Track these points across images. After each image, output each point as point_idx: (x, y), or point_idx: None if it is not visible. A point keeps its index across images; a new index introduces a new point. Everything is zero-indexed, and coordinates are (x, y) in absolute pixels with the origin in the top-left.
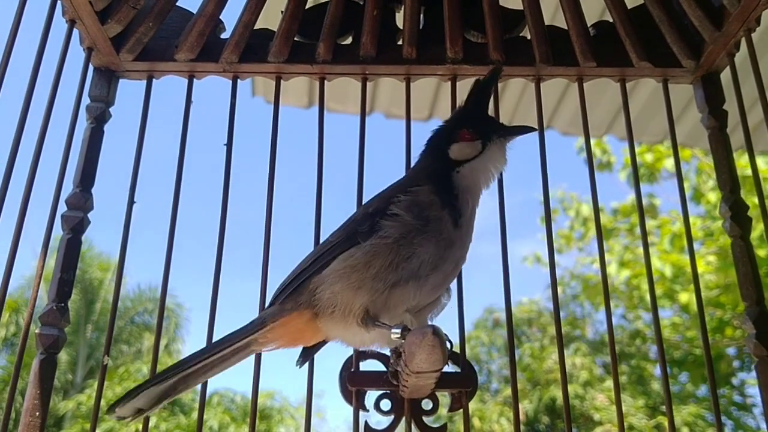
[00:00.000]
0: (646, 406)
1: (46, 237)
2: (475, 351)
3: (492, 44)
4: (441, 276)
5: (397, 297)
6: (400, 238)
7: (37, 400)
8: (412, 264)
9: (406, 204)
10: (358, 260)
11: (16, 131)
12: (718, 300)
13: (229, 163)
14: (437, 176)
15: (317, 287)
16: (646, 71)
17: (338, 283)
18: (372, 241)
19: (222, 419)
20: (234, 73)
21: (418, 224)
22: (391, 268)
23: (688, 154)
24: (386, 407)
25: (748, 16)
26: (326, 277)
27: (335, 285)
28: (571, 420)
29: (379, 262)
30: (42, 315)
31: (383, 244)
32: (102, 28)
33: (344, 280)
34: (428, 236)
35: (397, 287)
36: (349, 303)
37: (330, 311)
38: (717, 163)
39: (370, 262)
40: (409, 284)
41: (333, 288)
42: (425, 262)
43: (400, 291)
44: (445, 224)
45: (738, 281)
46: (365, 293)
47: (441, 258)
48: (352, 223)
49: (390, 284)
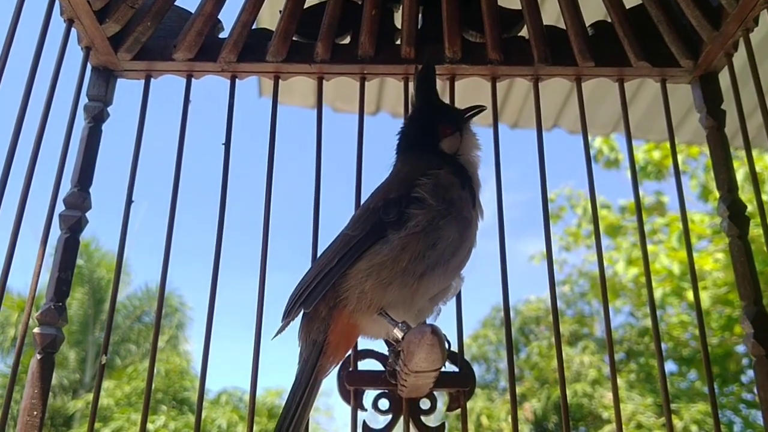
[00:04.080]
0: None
1: (44, 236)
2: (483, 349)
3: (490, 44)
4: (459, 259)
5: (424, 287)
6: (428, 226)
7: (35, 400)
8: (437, 250)
9: (431, 187)
10: (386, 257)
11: (14, 131)
12: (726, 297)
13: (227, 163)
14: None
15: (345, 286)
16: (645, 71)
17: (368, 281)
18: (401, 234)
19: (230, 418)
20: (232, 73)
21: (443, 207)
22: (419, 259)
23: (696, 151)
24: (384, 407)
25: (746, 15)
26: (354, 275)
27: (365, 283)
28: (569, 420)
29: (408, 256)
30: (40, 314)
31: (412, 234)
32: (100, 28)
33: (373, 278)
34: (450, 218)
35: (424, 277)
36: (378, 299)
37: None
38: (715, 163)
39: (399, 256)
40: (435, 271)
41: (363, 286)
42: (449, 246)
43: (428, 280)
44: (465, 204)
45: (736, 281)
46: (395, 288)
47: (462, 239)
48: (372, 213)
49: (419, 275)
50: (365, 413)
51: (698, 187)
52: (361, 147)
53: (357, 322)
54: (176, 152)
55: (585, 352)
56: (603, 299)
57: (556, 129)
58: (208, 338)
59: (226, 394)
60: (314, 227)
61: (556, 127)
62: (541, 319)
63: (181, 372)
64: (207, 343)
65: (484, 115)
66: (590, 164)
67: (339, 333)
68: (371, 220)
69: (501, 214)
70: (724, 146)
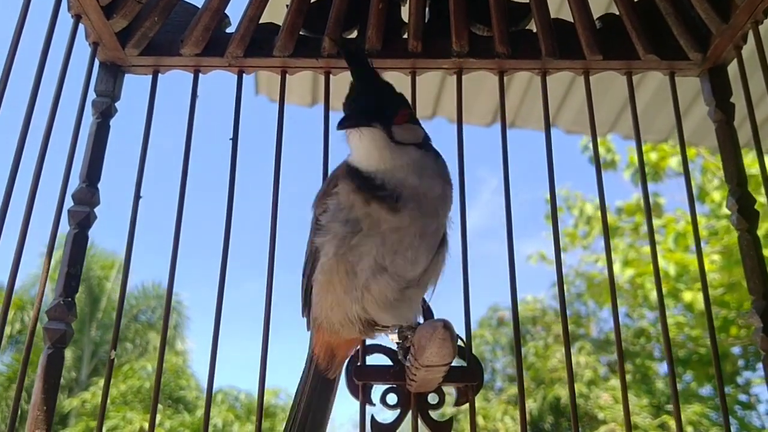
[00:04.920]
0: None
1: (53, 232)
2: (480, 349)
3: (498, 37)
4: (411, 252)
5: (378, 291)
6: (338, 251)
7: (44, 394)
8: (367, 262)
9: (332, 211)
10: (321, 285)
11: (22, 127)
12: (722, 299)
13: (234, 158)
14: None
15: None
16: (653, 64)
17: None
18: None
19: (226, 417)
20: (239, 68)
21: (348, 230)
22: (351, 277)
23: (693, 153)
24: (392, 401)
25: (756, 8)
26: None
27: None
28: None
29: (337, 279)
30: (49, 309)
31: (329, 262)
32: (107, 23)
33: (325, 302)
34: (365, 234)
35: (371, 286)
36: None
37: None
38: (724, 157)
39: (331, 281)
40: (382, 276)
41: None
42: (379, 254)
43: (378, 284)
44: (377, 217)
45: (745, 275)
46: (349, 304)
47: (397, 242)
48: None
49: (362, 287)
50: (373, 408)
51: (695, 189)
52: None
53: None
54: (184, 148)
55: (581, 352)
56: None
57: (553, 129)
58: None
59: (221, 393)
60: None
61: (554, 126)
62: (538, 319)
63: (177, 371)
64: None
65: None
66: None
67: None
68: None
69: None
70: (733, 140)
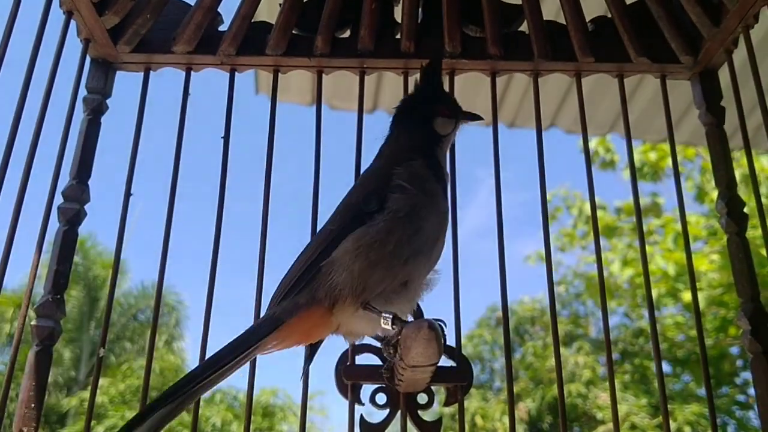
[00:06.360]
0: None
1: (42, 229)
2: (478, 349)
3: (490, 39)
4: (437, 251)
5: (407, 273)
6: (411, 212)
7: (32, 392)
8: (421, 236)
9: (407, 176)
10: (373, 238)
11: (12, 123)
12: (721, 299)
13: (226, 156)
14: (422, 150)
15: (330, 272)
16: (644, 67)
17: (356, 262)
18: (385, 217)
19: (225, 416)
20: (232, 66)
21: (423, 197)
22: (405, 244)
23: (692, 153)
24: (382, 401)
25: (747, 12)
26: (340, 258)
27: (354, 264)
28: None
29: (394, 238)
30: (38, 307)
31: (397, 218)
32: (99, 20)
33: (361, 259)
34: (430, 208)
35: (408, 263)
36: (364, 282)
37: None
38: (714, 160)
39: (386, 239)
40: (418, 258)
41: (352, 267)
42: (431, 234)
43: (412, 266)
44: (440, 197)
45: (734, 277)
46: (381, 271)
47: (440, 230)
48: (350, 208)
49: (404, 260)
50: (362, 408)
51: (694, 189)
52: (360, 141)
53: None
54: (175, 145)
55: (580, 352)
56: (601, 301)
57: (553, 129)
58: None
59: (220, 392)
60: (313, 224)
61: (553, 126)
62: (536, 319)
63: (176, 370)
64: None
65: (482, 113)
66: (588, 159)
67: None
68: (351, 213)
69: (500, 215)
70: (723, 143)
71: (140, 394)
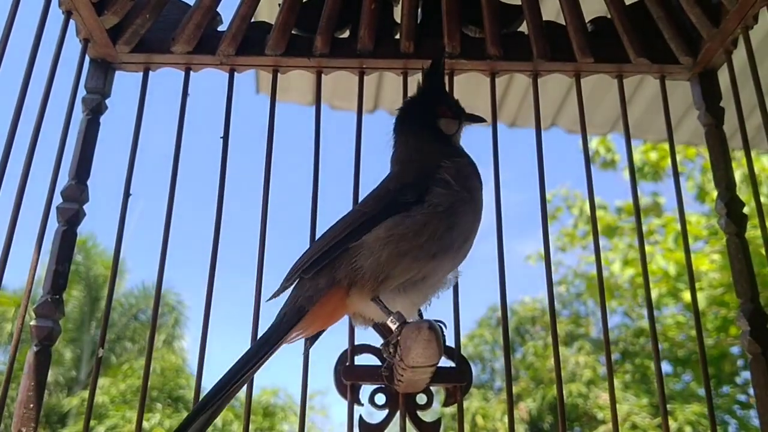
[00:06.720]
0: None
1: (41, 229)
2: (479, 349)
3: (489, 39)
4: (465, 249)
5: (433, 268)
6: (450, 208)
7: (31, 392)
8: (453, 233)
9: (454, 172)
10: (408, 228)
11: (11, 123)
12: (722, 299)
13: (225, 156)
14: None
15: (357, 254)
16: (644, 68)
17: (384, 249)
18: (423, 210)
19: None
20: (231, 66)
21: (465, 194)
22: (436, 239)
23: (693, 153)
24: (381, 401)
25: (746, 13)
26: (370, 244)
27: (382, 251)
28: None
29: (428, 232)
30: (36, 307)
31: (435, 212)
32: (98, 20)
33: (391, 247)
34: (469, 206)
35: (436, 258)
36: (387, 271)
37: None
38: (713, 161)
39: (421, 231)
40: (446, 255)
41: (379, 254)
42: (463, 232)
43: (438, 262)
44: (479, 197)
45: (733, 278)
46: (408, 262)
47: (472, 228)
48: (387, 193)
49: (431, 255)
50: (362, 408)
51: (695, 189)
52: (360, 141)
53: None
54: (174, 145)
55: (580, 352)
56: (601, 301)
57: (554, 129)
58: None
59: None
60: (312, 224)
61: (554, 126)
62: (537, 319)
63: (176, 370)
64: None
65: (482, 114)
66: (588, 159)
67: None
68: (386, 200)
69: (499, 215)
70: (722, 143)
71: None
